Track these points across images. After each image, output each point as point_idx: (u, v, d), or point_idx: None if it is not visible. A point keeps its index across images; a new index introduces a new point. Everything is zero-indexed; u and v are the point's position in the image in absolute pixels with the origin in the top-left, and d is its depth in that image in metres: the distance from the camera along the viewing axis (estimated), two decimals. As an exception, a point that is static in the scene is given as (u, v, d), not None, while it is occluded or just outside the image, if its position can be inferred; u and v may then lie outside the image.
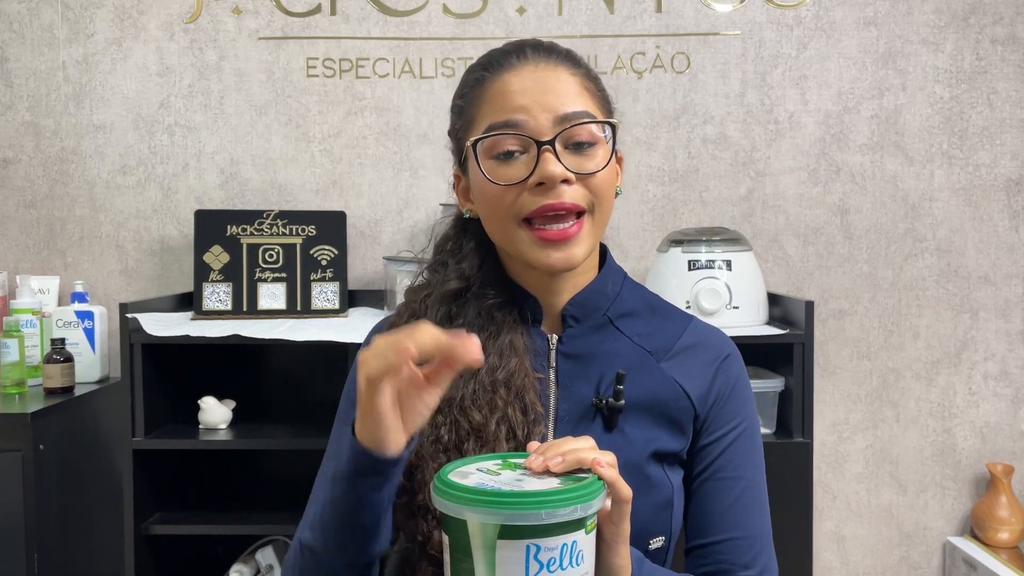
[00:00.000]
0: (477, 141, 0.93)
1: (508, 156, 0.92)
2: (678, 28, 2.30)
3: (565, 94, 0.92)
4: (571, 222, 0.91)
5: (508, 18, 2.30)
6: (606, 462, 0.76)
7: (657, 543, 0.94)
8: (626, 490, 0.77)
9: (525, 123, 0.91)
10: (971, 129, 2.30)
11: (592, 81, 0.97)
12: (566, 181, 0.90)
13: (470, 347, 0.77)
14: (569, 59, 0.96)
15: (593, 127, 0.92)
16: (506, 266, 1.00)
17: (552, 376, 0.97)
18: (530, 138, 0.91)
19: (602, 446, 0.82)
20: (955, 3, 2.28)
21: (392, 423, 0.79)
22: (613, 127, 0.94)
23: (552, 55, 0.95)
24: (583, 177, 0.91)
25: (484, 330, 0.96)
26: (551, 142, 0.90)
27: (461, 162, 1.00)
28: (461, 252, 1.01)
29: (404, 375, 0.77)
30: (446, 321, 0.97)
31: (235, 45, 2.31)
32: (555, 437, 0.94)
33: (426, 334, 0.77)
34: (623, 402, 0.93)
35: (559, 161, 0.90)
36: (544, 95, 0.91)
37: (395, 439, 0.79)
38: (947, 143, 2.30)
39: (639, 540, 0.89)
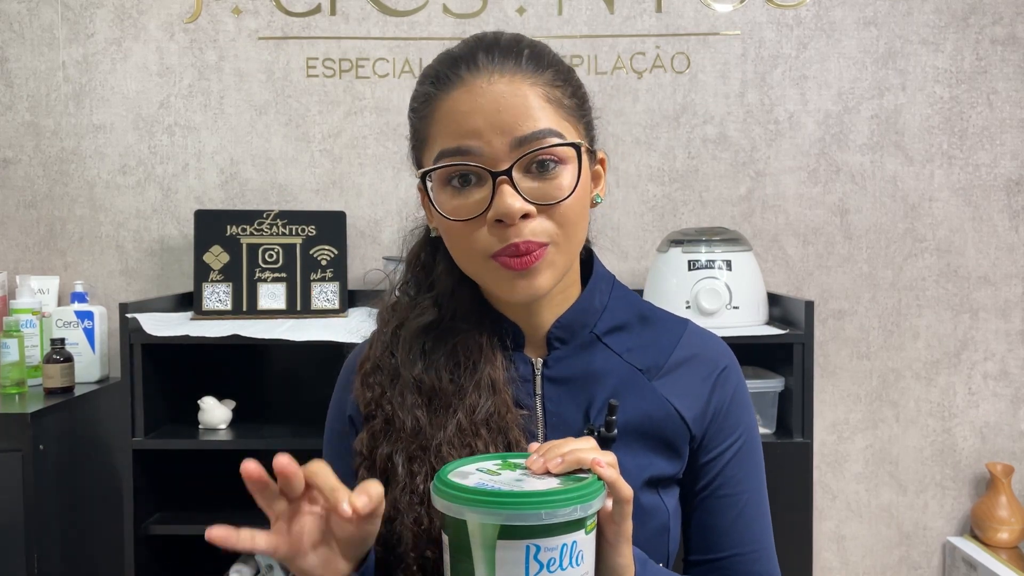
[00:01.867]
0: (427, 173, 0.86)
1: (463, 183, 0.84)
2: (678, 28, 2.30)
3: (523, 111, 0.82)
4: (534, 251, 0.83)
5: (508, 18, 2.30)
6: (606, 462, 0.75)
7: None
8: (627, 490, 0.76)
9: (479, 149, 0.82)
10: (971, 129, 2.30)
11: (558, 86, 0.86)
12: (526, 215, 0.82)
13: (354, 504, 0.74)
14: (530, 62, 0.85)
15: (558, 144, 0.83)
16: (484, 293, 0.94)
17: (539, 404, 0.92)
18: (484, 168, 0.82)
19: None
20: (955, 3, 2.28)
21: (314, 561, 0.78)
22: (578, 148, 0.84)
23: (508, 61, 0.84)
24: (546, 207, 0.83)
25: (461, 365, 0.90)
26: (508, 172, 0.81)
27: (421, 174, 0.91)
28: (433, 275, 0.95)
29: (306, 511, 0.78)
30: (421, 357, 0.92)
31: (235, 45, 2.31)
32: None
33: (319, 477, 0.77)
34: (615, 433, 0.88)
35: (517, 193, 0.81)
36: (499, 115, 0.82)
37: (331, 572, 0.78)
38: (947, 143, 2.30)
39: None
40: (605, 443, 0.88)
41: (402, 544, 0.86)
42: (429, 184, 0.87)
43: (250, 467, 0.76)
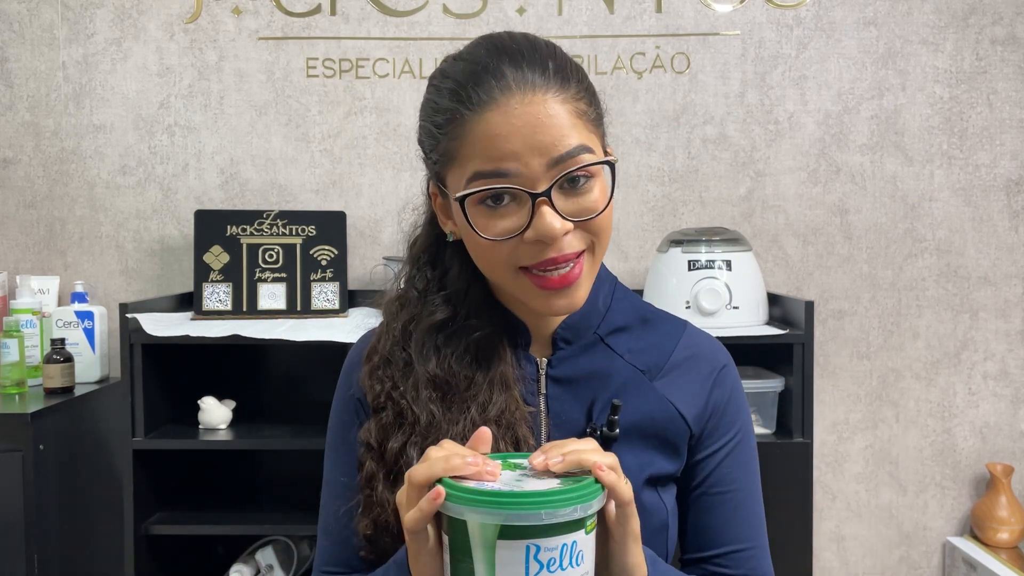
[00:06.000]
0: (465, 197, 0.84)
1: (497, 201, 0.84)
2: (678, 28, 2.30)
3: (557, 131, 0.83)
4: (572, 265, 0.86)
5: (508, 18, 2.30)
6: (607, 465, 0.75)
7: None
8: (626, 492, 0.77)
9: (516, 171, 0.82)
10: (971, 129, 2.30)
11: (584, 101, 0.87)
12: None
13: (491, 471, 0.75)
14: (558, 79, 0.85)
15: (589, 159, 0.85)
16: (495, 293, 0.96)
17: (543, 404, 0.94)
18: (523, 190, 0.83)
19: None
20: (955, 3, 2.28)
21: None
22: (612, 166, 0.88)
23: (537, 77, 0.84)
24: (582, 222, 0.85)
25: (474, 363, 0.92)
26: (547, 193, 0.82)
27: (438, 178, 0.91)
28: (447, 275, 0.96)
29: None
30: (435, 353, 0.93)
31: (235, 45, 2.31)
32: None
33: (444, 467, 0.75)
34: (617, 432, 0.90)
35: (556, 212, 0.83)
36: (535, 136, 0.82)
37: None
38: (947, 143, 2.30)
39: None
40: (607, 442, 0.90)
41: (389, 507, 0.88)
42: (462, 208, 0.86)
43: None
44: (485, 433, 0.80)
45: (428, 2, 2.30)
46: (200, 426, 1.95)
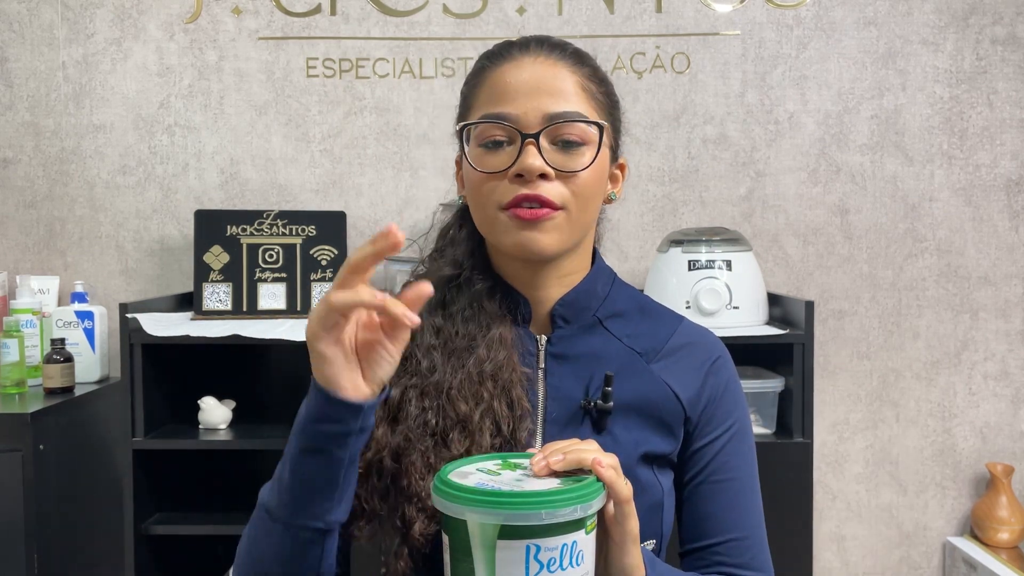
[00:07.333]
0: (466, 126, 0.94)
1: (496, 145, 0.92)
2: (678, 28, 2.30)
3: (559, 92, 0.91)
4: (546, 208, 0.90)
5: (508, 18, 2.30)
6: (607, 463, 0.76)
7: (648, 546, 0.94)
8: (624, 491, 0.77)
9: (514, 116, 0.91)
10: (971, 129, 2.30)
11: (595, 83, 0.95)
12: (545, 176, 0.90)
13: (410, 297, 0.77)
14: (573, 57, 0.95)
15: (584, 127, 0.91)
16: (492, 260, 1.00)
17: (541, 378, 0.97)
18: (516, 130, 0.90)
19: None
20: (955, 3, 2.28)
21: (343, 364, 0.78)
22: (601, 128, 0.92)
23: (555, 51, 0.94)
24: (565, 175, 0.91)
25: (474, 320, 0.96)
26: (535, 136, 0.90)
27: (459, 134, 1.00)
28: (457, 239, 1.02)
29: (353, 320, 0.78)
30: (440, 307, 0.98)
31: (235, 45, 2.31)
32: (543, 437, 0.94)
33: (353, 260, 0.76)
34: (611, 404, 0.93)
35: (540, 155, 0.89)
36: (538, 90, 0.91)
37: (351, 382, 0.78)
38: (947, 143, 2.30)
39: None
40: (602, 415, 0.93)
41: (408, 476, 0.90)
42: (464, 141, 0.94)
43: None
44: (393, 232, 0.76)
45: (428, 2, 2.30)
46: (200, 426, 1.95)
